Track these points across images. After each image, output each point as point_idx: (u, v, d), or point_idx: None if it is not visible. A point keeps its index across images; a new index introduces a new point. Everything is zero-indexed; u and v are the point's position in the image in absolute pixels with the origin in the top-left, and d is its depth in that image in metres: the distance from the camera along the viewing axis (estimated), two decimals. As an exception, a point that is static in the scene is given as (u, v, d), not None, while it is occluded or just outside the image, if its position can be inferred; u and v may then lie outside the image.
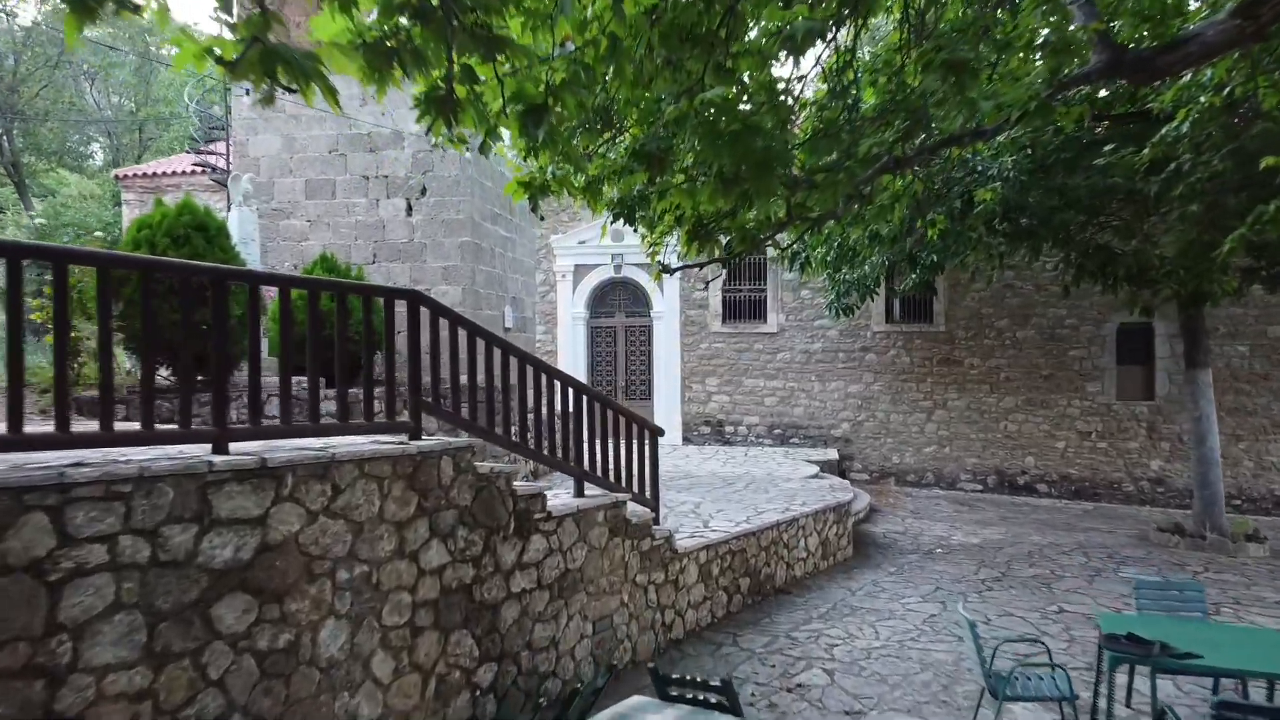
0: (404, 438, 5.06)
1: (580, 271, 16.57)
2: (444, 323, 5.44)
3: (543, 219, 6.07)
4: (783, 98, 4.06)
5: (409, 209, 10.86)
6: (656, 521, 7.15)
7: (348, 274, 9.61)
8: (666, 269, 5.89)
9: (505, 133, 4.36)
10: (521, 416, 6.02)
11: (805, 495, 10.38)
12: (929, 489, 15.39)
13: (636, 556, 6.69)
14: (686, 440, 16.23)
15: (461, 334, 5.57)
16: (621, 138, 4.89)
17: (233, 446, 4.23)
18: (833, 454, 15.04)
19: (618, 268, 16.29)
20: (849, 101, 5.00)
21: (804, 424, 15.94)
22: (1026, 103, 4.62)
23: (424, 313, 5.28)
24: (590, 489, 6.49)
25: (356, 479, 4.50)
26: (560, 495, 6.43)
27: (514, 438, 5.80)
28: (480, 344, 5.73)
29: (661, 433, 7.36)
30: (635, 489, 6.94)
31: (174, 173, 16.71)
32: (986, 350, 15.31)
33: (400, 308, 5.23)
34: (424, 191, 10.83)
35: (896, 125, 5.25)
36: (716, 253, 5.39)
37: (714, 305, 16.19)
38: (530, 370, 6.07)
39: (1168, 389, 14.74)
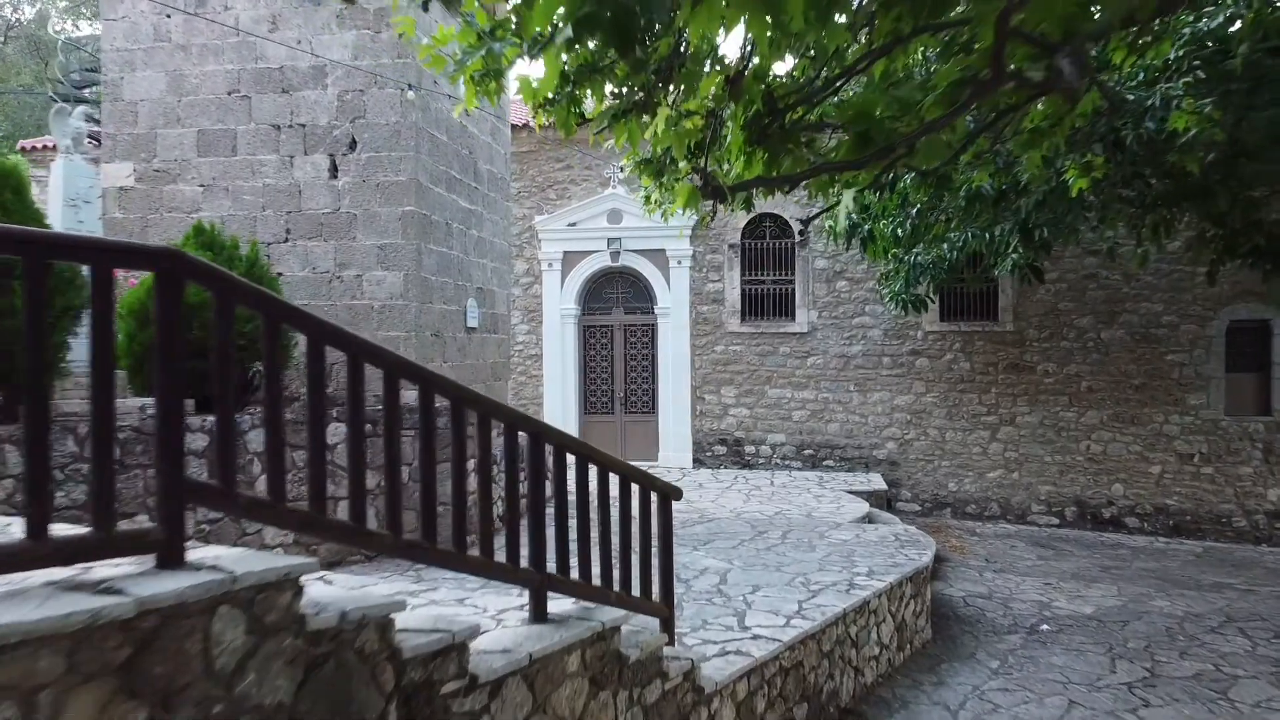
0: (147, 564, 2.36)
1: (570, 259, 13.85)
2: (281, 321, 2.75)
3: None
4: None
5: (333, 169, 8.14)
6: (671, 640, 4.44)
7: (234, 251, 6.90)
8: (717, 192, 2.95)
9: None
10: (429, 488, 3.29)
11: (866, 552, 7.67)
12: (994, 522, 12.66)
13: (639, 715, 3.97)
14: (698, 463, 13.51)
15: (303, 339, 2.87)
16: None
17: None
18: (878, 481, 12.32)
19: (615, 254, 13.57)
20: None
21: (840, 443, 13.21)
22: None
23: (219, 302, 2.58)
24: (558, 603, 3.79)
25: (-58, 707, 1.81)
26: (506, 620, 3.74)
27: (407, 535, 3.10)
28: (345, 357, 3.02)
29: (677, 495, 4.65)
30: (637, 589, 4.25)
31: (87, 142, 13.97)
32: (1064, 354, 12.58)
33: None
34: (353, 145, 8.11)
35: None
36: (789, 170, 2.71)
37: (731, 299, 13.47)
38: (447, 404, 3.37)
39: (1290, 402, 12.01)
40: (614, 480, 4.21)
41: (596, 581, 3.98)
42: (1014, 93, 2.38)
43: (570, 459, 3.94)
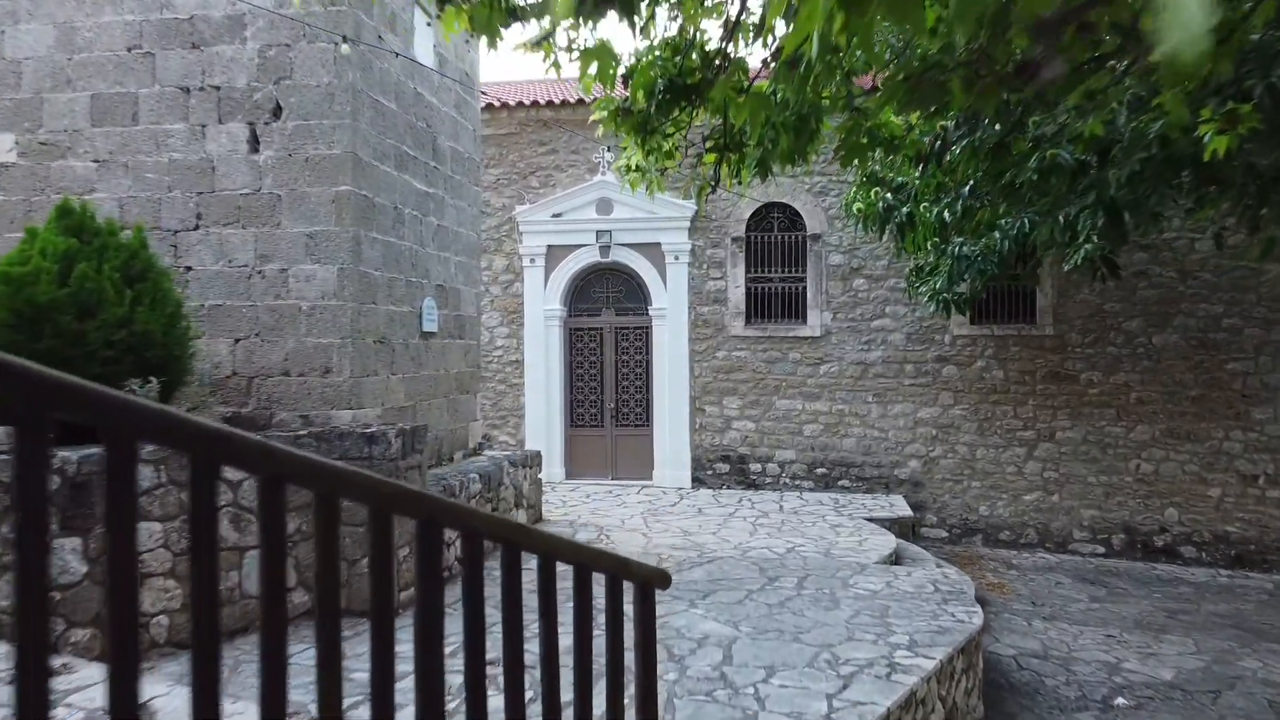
0: None
1: (555, 255, 12.42)
2: None
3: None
4: None
5: (253, 140, 6.72)
6: (652, 802, 3.02)
7: (110, 237, 5.48)
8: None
9: None
10: (205, 643, 1.87)
11: (902, 611, 6.24)
12: (1031, 551, 11.23)
13: None
14: (698, 482, 12.08)
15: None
16: None
17: None
18: (901, 505, 10.90)
19: (605, 249, 12.15)
20: None
21: (857, 461, 11.78)
22: None
23: None
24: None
25: None
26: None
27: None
28: None
29: (664, 583, 3.23)
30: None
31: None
32: (1110, 362, 11.15)
33: None
34: (278, 111, 6.69)
35: None
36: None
37: (734, 299, 12.04)
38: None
39: (1370, 416, 10.58)
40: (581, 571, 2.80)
41: (536, 736, 2.56)
42: None
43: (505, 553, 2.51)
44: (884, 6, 1.57)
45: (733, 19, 3.26)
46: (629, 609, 3.10)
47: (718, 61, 3.82)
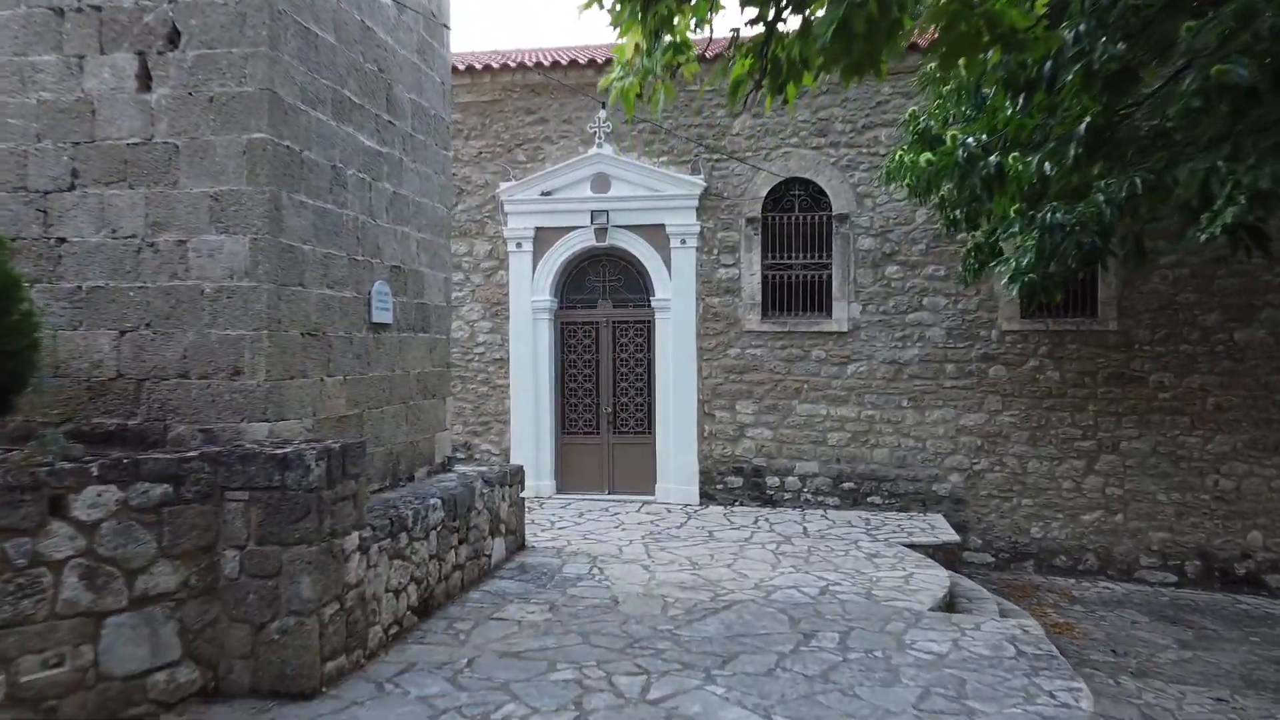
0: None
1: (544, 238, 10.93)
2: None
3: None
4: None
5: (144, 75, 5.25)
6: None
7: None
8: None
9: None
10: None
11: (983, 687, 4.77)
12: (1092, 579, 9.74)
13: None
14: (707, 497, 10.60)
15: None
16: None
17: None
18: (943, 527, 9.41)
19: (601, 231, 10.66)
20: None
21: (890, 474, 10.29)
22: None
23: None
24: None
25: None
26: None
27: None
28: None
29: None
30: None
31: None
32: (1184, 361, 9.66)
33: None
34: (174, 38, 5.21)
35: None
36: None
37: (749, 289, 10.55)
38: None
39: None
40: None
41: None
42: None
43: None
44: None
45: None
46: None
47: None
